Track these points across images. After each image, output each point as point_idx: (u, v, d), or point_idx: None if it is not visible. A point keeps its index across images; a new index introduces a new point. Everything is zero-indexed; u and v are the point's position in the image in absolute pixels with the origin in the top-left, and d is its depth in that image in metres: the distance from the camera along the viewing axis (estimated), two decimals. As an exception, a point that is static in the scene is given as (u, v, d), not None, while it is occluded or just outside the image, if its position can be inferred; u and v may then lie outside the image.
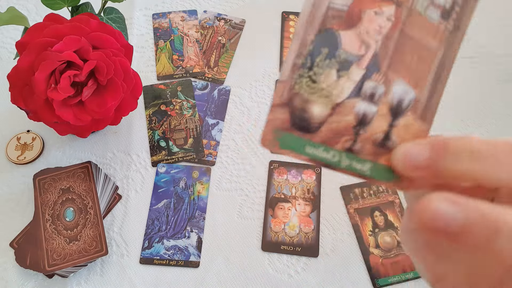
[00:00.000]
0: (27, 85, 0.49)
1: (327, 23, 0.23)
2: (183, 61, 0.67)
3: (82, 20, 0.50)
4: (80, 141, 0.60)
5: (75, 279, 0.51)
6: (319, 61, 0.23)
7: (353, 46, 0.23)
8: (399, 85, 0.23)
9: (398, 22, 0.23)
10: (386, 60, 0.23)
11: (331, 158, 0.23)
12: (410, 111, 0.23)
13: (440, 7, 0.23)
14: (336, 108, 0.23)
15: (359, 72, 0.23)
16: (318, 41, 0.23)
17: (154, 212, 0.55)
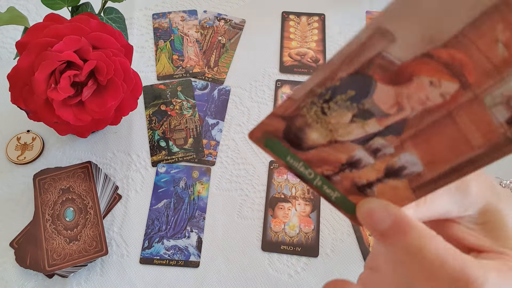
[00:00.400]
0: (27, 85, 0.49)
1: (370, 69, 0.20)
2: (183, 61, 0.67)
3: (82, 20, 0.50)
4: (80, 141, 0.60)
5: (75, 279, 0.51)
6: (339, 99, 0.21)
7: (385, 102, 0.20)
8: (410, 157, 0.21)
9: (452, 103, 0.19)
10: (413, 130, 0.21)
11: (307, 175, 0.24)
12: (407, 179, 0.22)
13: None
14: (334, 144, 0.22)
15: (376, 127, 0.21)
16: (348, 81, 0.20)
17: (154, 212, 0.55)
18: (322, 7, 0.74)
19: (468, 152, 0.20)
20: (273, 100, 0.64)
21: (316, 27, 0.71)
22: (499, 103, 0.19)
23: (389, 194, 0.23)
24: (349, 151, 0.22)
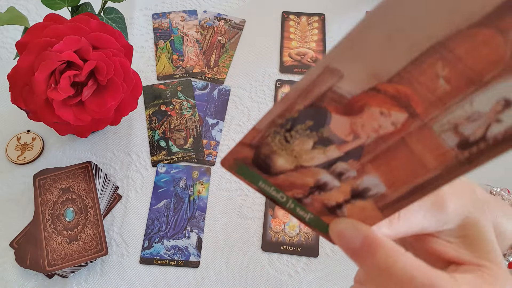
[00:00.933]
0: (27, 85, 0.49)
1: (324, 102, 0.21)
2: (183, 61, 0.67)
3: (82, 20, 0.50)
4: (80, 141, 0.60)
5: (75, 279, 0.51)
6: (299, 129, 0.22)
7: (342, 131, 0.22)
8: (372, 179, 0.23)
9: (403, 131, 0.21)
10: (371, 155, 0.22)
11: (279, 198, 0.25)
12: (373, 200, 0.23)
13: (463, 136, 0.20)
14: (300, 168, 0.24)
15: (336, 153, 0.22)
16: (305, 113, 0.22)
17: (154, 212, 0.55)
18: (322, 7, 0.74)
19: (424, 174, 0.21)
20: (273, 100, 0.64)
21: (316, 27, 0.71)
22: (447, 130, 0.20)
23: (358, 214, 0.24)
24: (315, 175, 0.23)
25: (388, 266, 0.22)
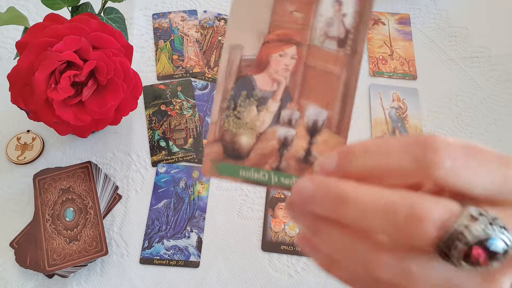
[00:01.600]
0: (27, 85, 0.49)
1: (242, 71, 0.27)
2: (183, 61, 0.67)
3: (82, 20, 0.50)
4: (80, 141, 0.60)
5: (75, 279, 0.51)
6: (240, 102, 0.27)
7: (267, 85, 0.27)
8: (312, 109, 0.27)
9: (301, 58, 0.27)
10: (296, 90, 0.27)
11: (262, 178, 0.27)
12: (326, 128, 0.27)
13: (335, 37, 0.27)
14: (261, 137, 0.28)
15: (275, 104, 0.28)
16: (237, 86, 0.27)
17: (154, 212, 0.55)
18: (322, 7, 0.73)
19: (338, 80, 0.27)
20: (273, 100, 0.64)
21: (316, 27, 0.71)
22: (324, 39, 0.27)
23: (326, 149, 0.27)
24: (274, 135, 0.28)
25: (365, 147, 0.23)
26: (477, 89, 0.66)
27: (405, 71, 0.68)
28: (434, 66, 0.68)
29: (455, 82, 0.67)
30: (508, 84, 0.67)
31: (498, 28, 0.72)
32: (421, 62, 0.69)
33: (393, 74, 0.67)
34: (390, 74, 0.67)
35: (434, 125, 0.63)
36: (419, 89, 0.66)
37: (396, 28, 0.72)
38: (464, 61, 0.69)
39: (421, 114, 0.64)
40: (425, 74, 0.67)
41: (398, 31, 0.72)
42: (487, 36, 0.71)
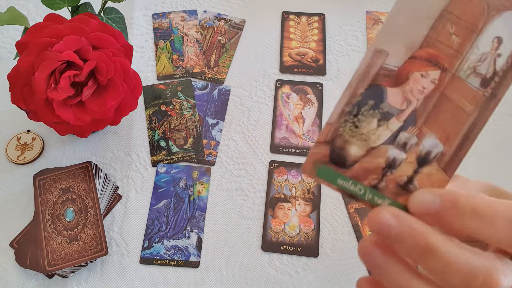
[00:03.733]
0: (27, 85, 0.49)
1: (378, 80, 0.26)
2: (183, 61, 0.67)
3: (82, 20, 0.50)
4: (80, 141, 0.60)
5: (75, 279, 0.51)
6: (364, 111, 0.26)
7: (397, 101, 0.26)
8: (430, 139, 0.27)
9: (441, 85, 0.26)
10: (423, 116, 0.27)
11: (357, 191, 0.27)
12: (436, 162, 0.27)
13: (481, 75, 0.26)
14: (371, 151, 0.27)
15: (397, 124, 0.27)
16: (366, 94, 0.26)
17: (154, 212, 0.55)
18: (322, 7, 0.74)
19: (466, 119, 0.26)
20: (273, 100, 0.64)
21: (316, 27, 0.71)
22: (470, 74, 0.26)
23: (428, 182, 0.27)
24: (384, 153, 0.27)
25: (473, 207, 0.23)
26: (477, 89, 0.66)
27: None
28: (434, 66, 0.68)
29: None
30: (508, 84, 0.67)
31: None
32: (421, 62, 0.69)
33: (393, 74, 0.67)
34: (390, 74, 0.67)
35: (434, 125, 0.63)
36: (419, 89, 0.66)
37: (396, 28, 0.72)
38: (464, 61, 0.69)
39: (421, 114, 0.64)
40: (425, 74, 0.67)
41: (398, 31, 0.72)
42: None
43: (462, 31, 0.26)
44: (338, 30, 0.71)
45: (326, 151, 0.27)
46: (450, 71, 0.26)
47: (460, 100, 0.26)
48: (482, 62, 0.26)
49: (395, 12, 0.25)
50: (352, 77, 0.26)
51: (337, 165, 0.27)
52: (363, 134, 0.27)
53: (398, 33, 0.25)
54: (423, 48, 0.26)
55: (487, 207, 0.23)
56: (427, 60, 0.26)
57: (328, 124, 0.27)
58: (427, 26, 0.26)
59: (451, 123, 0.26)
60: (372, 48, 0.26)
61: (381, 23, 0.72)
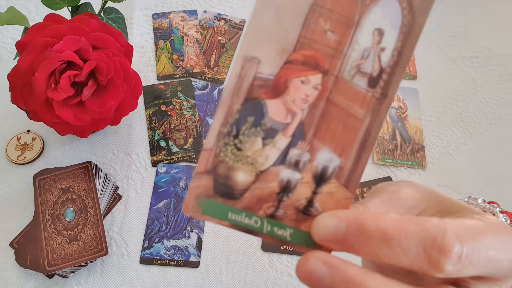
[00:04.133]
0: (27, 85, 0.49)
1: (254, 92, 0.23)
2: (183, 61, 0.67)
3: (82, 20, 0.50)
4: (80, 141, 0.60)
5: (75, 279, 0.51)
6: (244, 130, 0.23)
7: (279, 114, 0.23)
8: (324, 153, 0.23)
9: (325, 90, 0.23)
10: (312, 128, 0.23)
11: (253, 224, 0.23)
12: (335, 178, 0.24)
13: (367, 74, 0.23)
14: (260, 175, 0.23)
15: (284, 140, 0.23)
16: (244, 110, 0.23)
17: (154, 212, 0.55)
18: (322, 7, 0.73)
19: (359, 125, 0.23)
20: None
21: (316, 27, 0.71)
22: (354, 74, 0.23)
23: (331, 203, 0.24)
24: (276, 176, 0.23)
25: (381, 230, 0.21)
26: (477, 89, 0.66)
27: (405, 71, 0.67)
28: (434, 66, 0.68)
29: (455, 82, 0.67)
30: (508, 84, 0.67)
31: (498, 28, 0.72)
32: (421, 62, 0.69)
33: (393, 74, 0.67)
34: (390, 74, 0.67)
35: (434, 125, 0.63)
36: (419, 89, 0.66)
37: (396, 28, 0.72)
38: (464, 61, 0.69)
39: (421, 114, 0.64)
40: (425, 74, 0.67)
41: (398, 31, 0.72)
42: (487, 36, 0.71)
43: (338, 26, 0.22)
44: (338, 30, 0.71)
45: (208, 182, 0.23)
46: (332, 73, 0.23)
47: (349, 105, 0.23)
48: (365, 59, 0.23)
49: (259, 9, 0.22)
50: (223, 92, 0.23)
51: (225, 197, 0.23)
52: (249, 157, 0.23)
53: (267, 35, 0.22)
54: (297, 50, 0.23)
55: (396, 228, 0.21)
56: (305, 63, 0.23)
57: (205, 151, 0.23)
58: (298, 24, 0.22)
59: (344, 132, 0.23)
60: (241, 55, 0.22)
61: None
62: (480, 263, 0.21)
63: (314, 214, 0.23)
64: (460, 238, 0.20)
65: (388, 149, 0.60)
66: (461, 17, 0.73)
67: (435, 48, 0.70)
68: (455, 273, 0.21)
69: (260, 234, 0.24)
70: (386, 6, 0.22)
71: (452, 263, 0.20)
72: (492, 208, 0.29)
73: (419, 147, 0.60)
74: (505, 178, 0.59)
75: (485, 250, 0.21)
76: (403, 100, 0.65)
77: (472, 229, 0.21)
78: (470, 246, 0.20)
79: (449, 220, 0.21)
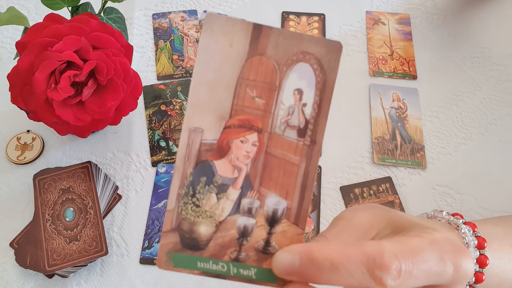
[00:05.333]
0: (27, 85, 0.49)
1: (202, 156, 0.27)
2: (183, 61, 0.67)
3: (82, 20, 0.50)
4: (80, 141, 0.60)
5: (75, 279, 0.51)
6: (199, 188, 0.27)
7: (227, 171, 0.27)
8: (272, 198, 0.27)
9: (262, 145, 0.27)
10: (257, 178, 0.27)
11: (220, 269, 0.27)
12: (285, 218, 0.27)
13: (296, 127, 0.27)
14: (220, 226, 0.27)
15: (235, 192, 0.27)
16: (196, 172, 0.27)
17: (154, 212, 0.55)
18: (322, 7, 0.74)
19: (297, 170, 0.27)
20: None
21: (316, 27, 0.71)
22: (284, 128, 0.27)
23: (285, 240, 0.27)
24: (234, 224, 0.27)
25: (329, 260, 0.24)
26: (477, 89, 0.66)
27: (405, 71, 0.68)
28: (434, 66, 0.68)
29: (455, 82, 0.67)
30: (508, 84, 0.67)
31: (498, 28, 0.72)
32: (421, 62, 0.69)
33: (393, 74, 0.67)
34: (390, 74, 0.67)
35: (434, 125, 0.63)
36: (419, 89, 0.66)
37: (396, 28, 0.72)
38: (464, 61, 0.69)
39: (421, 114, 0.64)
40: (425, 74, 0.67)
41: (398, 31, 0.72)
42: (487, 36, 0.71)
43: (263, 92, 0.27)
44: (338, 30, 0.71)
45: (175, 239, 0.26)
46: (266, 130, 0.27)
47: (286, 154, 0.27)
48: (291, 115, 0.27)
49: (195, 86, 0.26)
50: (176, 160, 0.26)
51: (192, 249, 0.26)
52: (207, 211, 0.27)
53: (205, 107, 0.26)
54: (233, 116, 0.27)
55: (340, 256, 0.24)
56: (241, 126, 0.27)
57: (169, 212, 0.26)
58: (230, 96, 0.27)
59: (285, 177, 0.27)
60: (186, 127, 0.26)
61: (381, 23, 0.72)
62: (421, 275, 0.24)
63: (272, 252, 0.27)
64: (397, 256, 0.23)
65: (388, 149, 0.60)
66: (461, 17, 0.73)
67: (435, 48, 0.70)
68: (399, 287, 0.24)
69: (228, 277, 0.27)
70: (300, 70, 0.27)
71: (393, 278, 0.23)
72: (455, 220, 0.31)
73: (419, 147, 0.60)
74: (505, 178, 0.59)
75: (423, 263, 0.24)
76: (403, 100, 0.65)
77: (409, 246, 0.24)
78: (407, 261, 0.24)
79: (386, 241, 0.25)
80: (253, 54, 0.27)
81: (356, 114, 0.64)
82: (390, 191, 0.57)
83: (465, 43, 0.71)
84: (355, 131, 0.62)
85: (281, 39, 0.27)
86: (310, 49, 0.27)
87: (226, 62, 0.26)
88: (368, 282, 0.23)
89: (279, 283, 0.26)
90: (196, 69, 0.26)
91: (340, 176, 0.58)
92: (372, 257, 0.23)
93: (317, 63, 0.27)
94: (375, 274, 0.23)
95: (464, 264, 0.25)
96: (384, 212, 0.29)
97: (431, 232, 0.26)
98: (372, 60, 0.69)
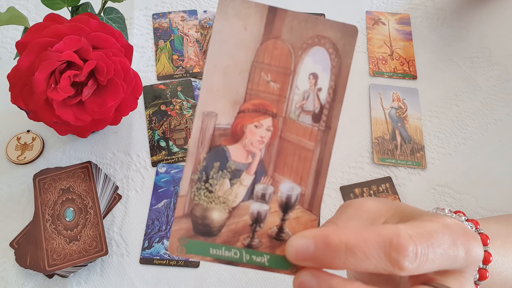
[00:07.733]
0: (27, 85, 0.49)
1: (216, 141, 0.26)
2: (183, 61, 0.67)
3: (82, 20, 0.50)
4: (80, 141, 0.60)
5: (75, 279, 0.51)
6: (213, 174, 0.26)
7: (241, 156, 0.27)
8: (286, 184, 0.27)
9: (276, 131, 0.27)
10: (271, 164, 0.27)
11: (233, 256, 0.26)
12: (299, 204, 0.27)
13: (310, 112, 0.27)
14: (233, 211, 0.27)
15: (249, 178, 0.27)
16: (209, 157, 0.26)
17: (154, 212, 0.55)
18: (322, 7, 0.74)
19: (312, 155, 0.27)
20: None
21: (316, 27, 0.71)
22: (299, 113, 0.27)
23: (299, 226, 0.27)
24: (247, 210, 0.27)
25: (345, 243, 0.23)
26: (477, 89, 0.66)
27: (405, 71, 0.68)
28: (434, 66, 0.68)
29: (455, 82, 0.67)
30: (508, 84, 0.67)
31: (498, 28, 0.72)
32: (421, 62, 0.69)
33: (393, 74, 0.67)
34: (390, 74, 0.67)
35: (434, 125, 0.63)
36: (419, 89, 0.66)
37: (396, 28, 0.72)
38: (464, 61, 0.69)
39: (421, 114, 0.64)
40: (425, 74, 0.67)
41: (398, 31, 0.72)
42: (487, 36, 0.71)
43: (278, 76, 0.26)
44: (338, 30, 0.71)
45: (188, 225, 0.26)
46: (280, 115, 0.27)
47: (300, 140, 0.27)
48: (306, 100, 0.27)
49: (209, 71, 0.26)
50: (189, 144, 0.26)
51: (204, 235, 0.26)
52: (220, 196, 0.26)
53: (219, 92, 0.26)
54: (247, 101, 0.26)
55: (356, 238, 0.23)
56: (255, 110, 0.27)
57: (181, 197, 0.26)
58: (244, 80, 0.26)
59: (299, 163, 0.27)
60: (200, 111, 0.26)
61: (381, 23, 0.72)
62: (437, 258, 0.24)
63: (286, 239, 0.26)
64: (413, 238, 0.23)
65: (388, 149, 0.60)
66: (461, 17, 0.73)
67: (435, 48, 0.70)
68: (416, 270, 0.23)
69: (241, 263, 0.26)
70: (315, 54, 0.26)
71: (410, 261, 0.23)
72: (458, 217, 0.32)
73: (419, 147, 0.60)
74: (505, 178, 0.59)
75: (439, 246, 0.24)
76: (403, 100, 0.65)
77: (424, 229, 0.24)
78: (423, 244, 0.23)
79: (402, 224, 0.24)
80: (268, 38, 0.26)
81: (356, 114, 0.64)
82: (390, 191, 0.57)
83: (465, 43, 0.71)
84: (355, 131, 0.62)
85: (296, 22, 0.26)
86: (325, 33, 0.26)
87: (240, 46, 0.26)
88: (384, 265, 0.23)
89: (292, 270, 0.26)
90: (209, 53, 0.26)
91: (340, 176, 0.58)
92: (389, 239, 0.23)
93: (333, 47, 0.27)
94: (391, 256, 0.23)
95: (474, 248, 0.25)
96: (391, 202, 0.29)
97: (443, 217, 0.26)
98: (372, 60, 0.69)
